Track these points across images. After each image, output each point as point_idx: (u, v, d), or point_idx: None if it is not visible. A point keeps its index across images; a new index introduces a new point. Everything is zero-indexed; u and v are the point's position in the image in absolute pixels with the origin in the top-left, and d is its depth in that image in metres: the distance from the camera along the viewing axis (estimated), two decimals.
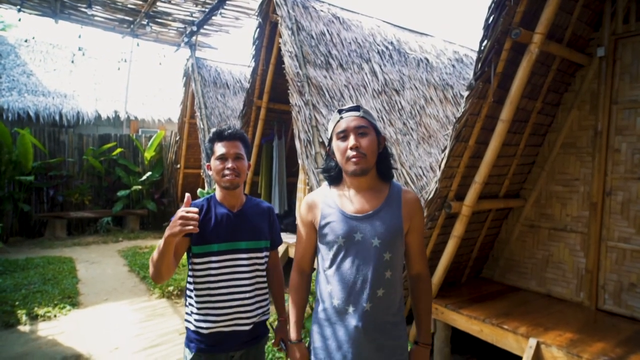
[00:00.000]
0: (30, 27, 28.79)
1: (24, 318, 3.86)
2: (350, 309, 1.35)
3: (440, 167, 2.84)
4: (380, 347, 1.36)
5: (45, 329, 3.70)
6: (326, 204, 1.42)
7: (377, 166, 1.41)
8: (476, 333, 2.88)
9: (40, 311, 4.01)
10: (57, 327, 3.76)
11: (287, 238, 5.27)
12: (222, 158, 1.59)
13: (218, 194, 1.67)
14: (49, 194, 7.97)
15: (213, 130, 1.63)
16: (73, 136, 8.48)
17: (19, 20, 6.34)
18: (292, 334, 1.55)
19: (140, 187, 8.51)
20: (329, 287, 1.40)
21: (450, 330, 3.17)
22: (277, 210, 5.83)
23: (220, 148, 1.59)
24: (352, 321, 1.34)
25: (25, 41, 10.74)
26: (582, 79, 3.21)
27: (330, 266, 1.39)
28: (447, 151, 2.80)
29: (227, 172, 1.57)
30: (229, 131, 1.62)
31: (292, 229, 5.70)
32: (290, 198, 6.05)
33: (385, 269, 1.34)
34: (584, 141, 3.20)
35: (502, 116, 2.69)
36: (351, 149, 1.31)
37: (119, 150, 8.75)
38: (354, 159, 1.31)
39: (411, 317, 1.96)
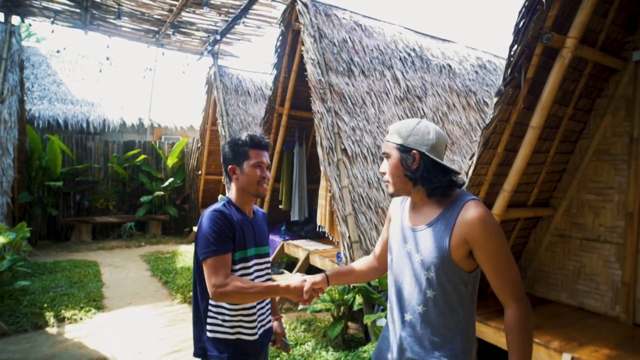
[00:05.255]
0: (61, 38, 30.00)
1: (51, 320, 3.96)
2: (396, 314, 1.39)
3: (467, 174, 2.78)
4: None
5: (72, 332, 3.78)
6: (401, 209, 1.48)
7: (423, 186, 1.33)
8: (505, 346, 2.78)
9: (67, 314, 4.10)
10: (83, 329, 3.84)
11: (308, 245, 5.25)
12: (260, 166, 1.61)
13: (238, 199, 1.65)
14: (76, 199, 8.21)
15: (248, 134, 1.63)
16: (99, 143, 8.75)
17: (52, 32, 6.61)
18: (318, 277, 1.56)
19: (162, 193, 8.68)
20: (388, 289, 1.48)
21: (478, 342, 3.07)
22: (297, 217, 5.83)
23: (258, 155, 1.61)
24: (397, 327, 1.38)
25: (57, 52, 11.17)
26: (616, 84, 3.09)
27: (389, 270, 1.46)
28: (474, 158, 2.74)
29: (263, 181, 1.62)
30: (266, 140, 1.66)
31: (312, 235, 5.68)
32: (311, 205, 6.04)
33: (427, 288, 1.29)
34: (618, 148, 3.08)
35: (533, 123, 2.62)
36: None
37: (142, 156, 8.95)
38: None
39: None
